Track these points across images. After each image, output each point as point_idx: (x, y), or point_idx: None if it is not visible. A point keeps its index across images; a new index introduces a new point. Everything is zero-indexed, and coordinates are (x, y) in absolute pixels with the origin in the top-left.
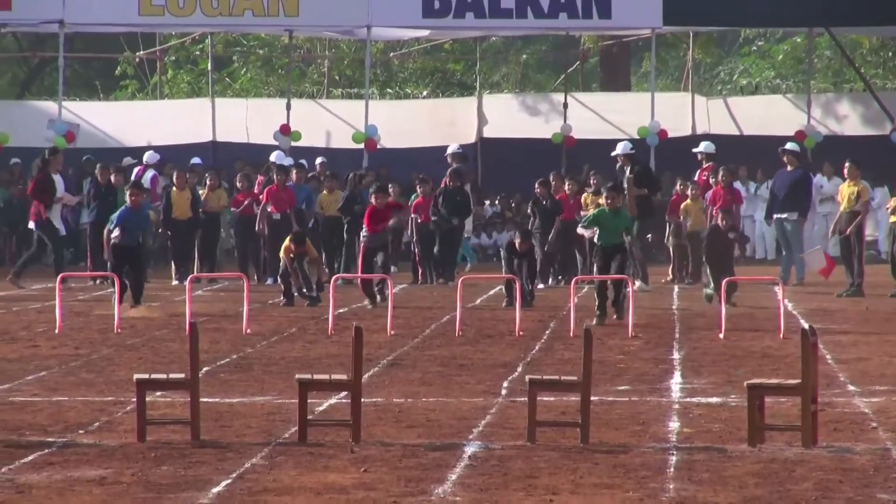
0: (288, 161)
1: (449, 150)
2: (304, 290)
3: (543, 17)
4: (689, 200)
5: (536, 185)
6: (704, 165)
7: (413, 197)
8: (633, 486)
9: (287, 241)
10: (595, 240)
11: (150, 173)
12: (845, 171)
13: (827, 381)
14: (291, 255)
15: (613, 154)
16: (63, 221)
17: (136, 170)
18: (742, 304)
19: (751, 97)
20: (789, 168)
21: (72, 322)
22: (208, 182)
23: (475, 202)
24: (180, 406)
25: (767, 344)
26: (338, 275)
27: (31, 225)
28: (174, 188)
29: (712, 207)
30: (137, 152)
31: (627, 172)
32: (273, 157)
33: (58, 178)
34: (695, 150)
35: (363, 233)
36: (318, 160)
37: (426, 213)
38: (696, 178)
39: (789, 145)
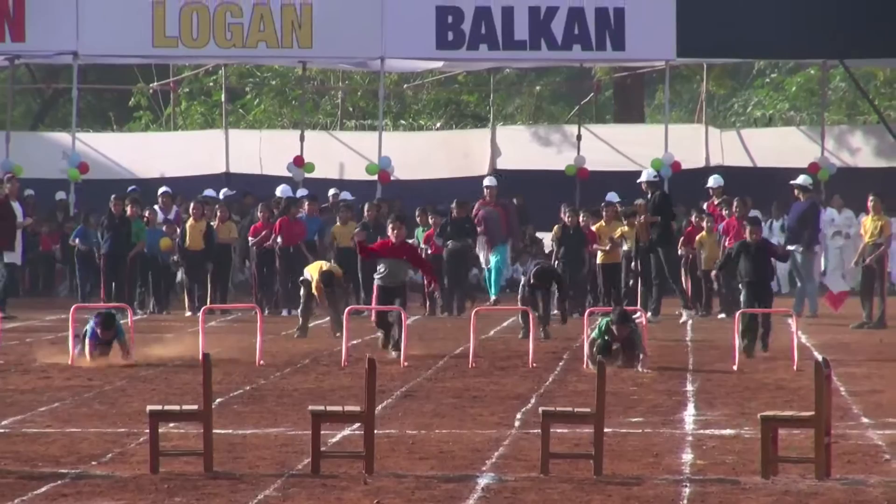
0: (301, 192)
1: (486, 182)
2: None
3: (557, 48)
4: (703, 233)
5: (566, 214)
6: (715, 200)
7: (423, 230)
8: None
9: (317, 280)
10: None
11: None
12: (869, 204)
13: (840, 413)
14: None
15: (638, 182)
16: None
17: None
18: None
19: (764, 129)
20: (801, 200)
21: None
22: (219, 214)
23: (522, 224)
24: (193, 437)
25: (781, 376)
26: (351, 306)
27: None
28: (190, 219)
29: (726, 238)
30: (152, 184)
31: (647, 198)
32: (279, 191)
33: (16, 205)
34: (707, 185)
35: (378, 270)
36: (331, 192)
37: (436, 244)
38: (709, 210)
39: (800, 179)
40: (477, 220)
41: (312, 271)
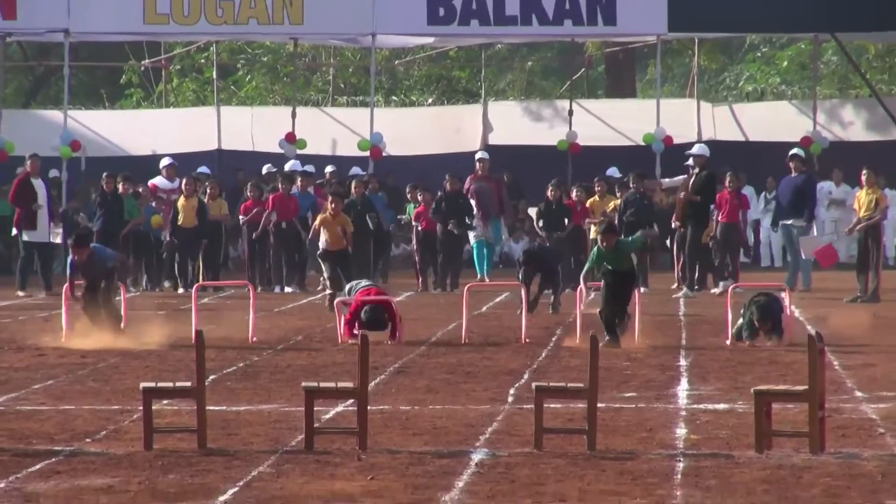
0: (309, 167)
1: (478, 156)
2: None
3: (548, 23)
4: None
5: (549, 189)
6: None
7: (414, 206)
8: (641, 493)
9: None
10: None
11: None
12: (863, 178)
13: (834, 388)
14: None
15: (688, 153)
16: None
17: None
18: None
19: (756, 103)
20: (794, 174)
21: (78, 330)
22: (209, 191)
23: (513, 199)
24: (187, 414)
25: (774, 350)
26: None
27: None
28: (181, 196)
29: (718, 213)
30: (144, 161)
31: (693, 175)
32: (288, 165)
33: (39, 183)
34: (687, 152)
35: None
36: (328, 169)
37: (427, 220)
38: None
39: (797, 150)
40: (469, 193)
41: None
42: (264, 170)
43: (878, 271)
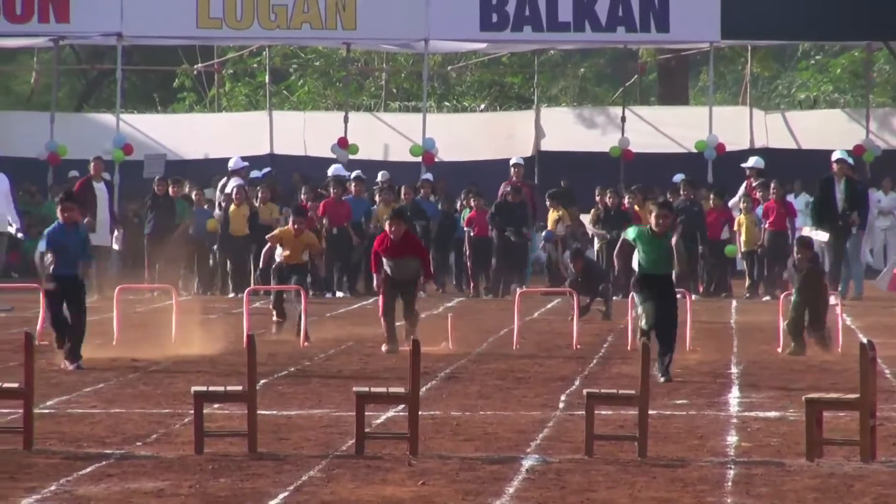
0: (346, 174)
1: (513, 161)
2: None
3: (601, 30)
4: (742, 215)
5: (607, 195)
6: (752, 181)
7: (466, 211)
8: (691, 501)
9: (278, 232)
10: (634, 265)
11: (234, 181)
12: None
13: (885, 396)
14: (281, 243)
15: (744, 165)
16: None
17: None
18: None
19: (809, 111)
20: (840, 179)
21: (129, 334)
22: (261, 195)
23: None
24: (238, 418)
25: (826, 358)
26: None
27: None
28: (233, 204)
29: (766, 221)
30: (196, 164)
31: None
32: (331, 170)
33: (101, 186)
34: (743, 164)
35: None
36: (381, 175)
37: (480, 226)
38: (747, 191)
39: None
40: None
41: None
42: (331, 170)
43: None
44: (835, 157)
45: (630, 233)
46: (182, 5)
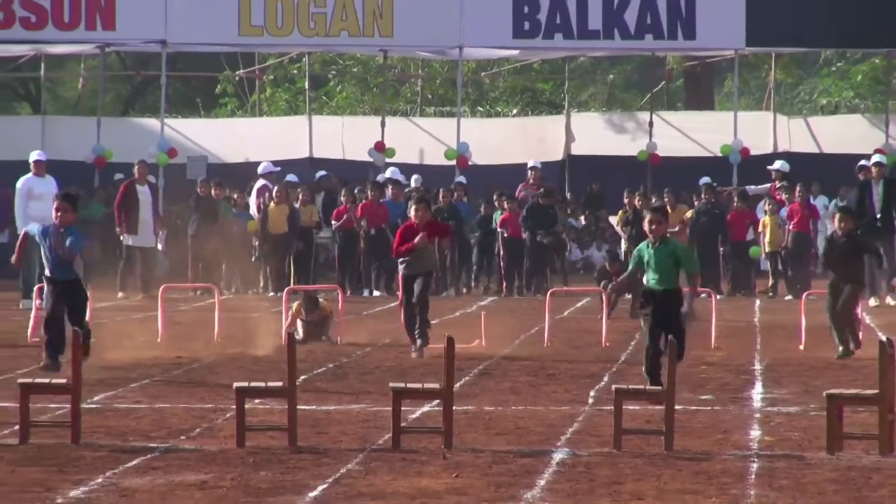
0: (402, 177)
1: (531, 164)
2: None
3: (630, 38)
4: (766, 216)
5: (636, 198)
6: (776, 184)
7: (500, 213)
8: (715, 493)
9: (297, 306)
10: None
11: (259, 183)
12: None
13: None
14: (302, 320)
15: (770, 168)
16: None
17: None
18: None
19: (830, 116)
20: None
21: (173, 331)
22: (301, 197)
23: (594, 208)
24: (278, 413)
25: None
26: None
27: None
28: (272, 203)
29: (790, 223)
30: (237, 168)
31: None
32: (388, 173)
33: (144, 189)
34: (769, 167)
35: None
36: (414, 178)
37: (513, 227)
38: (770, 193)
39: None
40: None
41: None
42: (388, 173)
43: None
44: (873, 160)
45: (635, 254)
46: (224, 13)
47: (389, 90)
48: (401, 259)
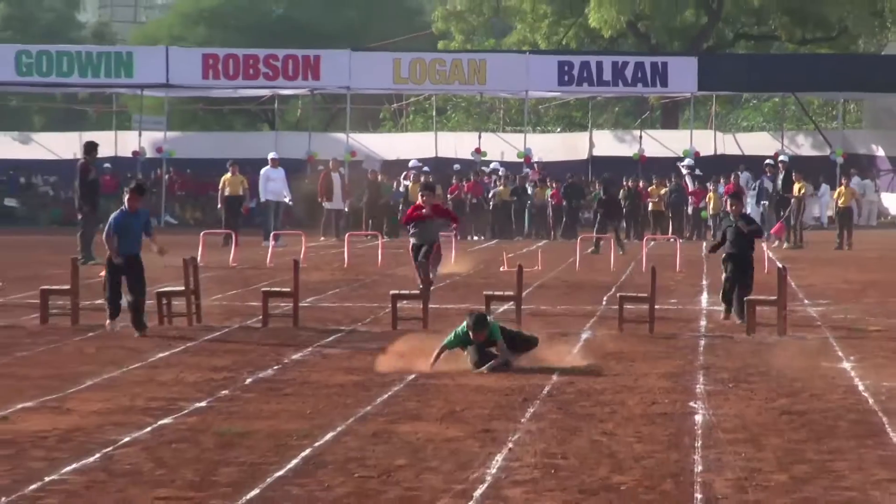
0: (503, 168)
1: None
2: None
3: (628, 85)
4: (711, 192)
5: (629, 182)
6: (684, 172)
7: (550, 189)
8: (679, 357)
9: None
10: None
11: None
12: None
13: (791, 298)
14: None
15: (779, 158)
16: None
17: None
18: None
19: (748, 133)
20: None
21: (353, 261)
22: (422, 179)
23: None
24: (417, 309)
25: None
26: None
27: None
28: (411, 183)
29: (724, 196)
30: (392, 164)
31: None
32: (493, 165)
33: (335, 176)
34: (679, 164)
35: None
36: (411, 163)
37: (557, 198)
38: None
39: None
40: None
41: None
42: (493, 165)
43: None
44: (780, 158)
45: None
46: (385, 69)
47: (483, 116)
48: (410, 232)
